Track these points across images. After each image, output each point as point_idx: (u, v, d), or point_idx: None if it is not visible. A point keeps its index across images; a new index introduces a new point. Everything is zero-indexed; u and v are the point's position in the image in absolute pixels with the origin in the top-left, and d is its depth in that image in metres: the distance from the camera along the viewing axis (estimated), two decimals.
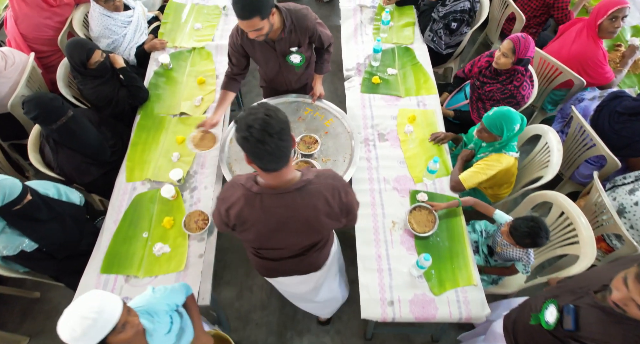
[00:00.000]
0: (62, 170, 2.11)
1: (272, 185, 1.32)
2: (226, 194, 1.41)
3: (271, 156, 1.21)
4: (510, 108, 1.95)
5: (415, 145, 2.29)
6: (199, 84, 2.56)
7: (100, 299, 1.22)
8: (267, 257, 1.63)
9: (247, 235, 1.44)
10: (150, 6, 3.20)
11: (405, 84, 2.57)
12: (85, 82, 2.33)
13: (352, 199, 1.47)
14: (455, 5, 2.63)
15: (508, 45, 2.18)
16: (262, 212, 1.35)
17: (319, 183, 1.37)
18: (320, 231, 1.47)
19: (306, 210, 1.36)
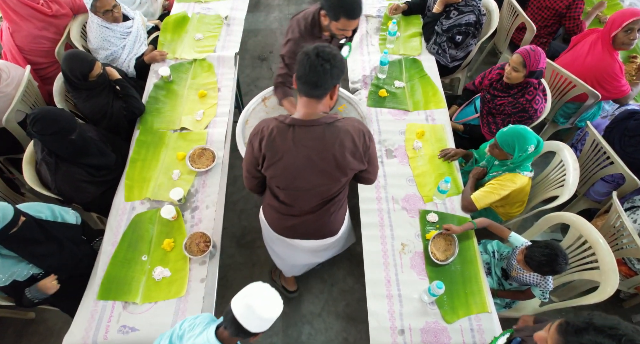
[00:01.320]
0: (60, 190, 2.02)
1: (305, 116, 1.44)
2: (259, 128, 1.51)
3: (311, 78, 1.34)
4: (527, 127, 1.87)
5: (425, 162, 2.21)
6: (200, 98, 2.48)
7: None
8: (289, 213, 1.70)
9: (275, 170, 1.51)
10: (150, 15, 3.13)
11: (413, 98, 2.49)
12: (79, 95, 2.25)
13: (375, 148, 1.59)
14: (460, 19, 2.55)
15: (517, 59, 2.10)
16: (293, 144, 1.45)
17: (346, 123, 1.48)
18: (345, 171, 1.51)
19: (334, 145, 1.44)
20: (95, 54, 2.62)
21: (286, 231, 1.80)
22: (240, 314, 1.25)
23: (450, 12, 2.58)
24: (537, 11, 2.91)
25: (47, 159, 1.98)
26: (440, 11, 2.62)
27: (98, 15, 2.51)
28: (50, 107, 1.98)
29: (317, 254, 2.06)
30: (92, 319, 1.73)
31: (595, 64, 2.45)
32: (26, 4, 2.46)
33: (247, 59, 3.84)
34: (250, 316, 1.25)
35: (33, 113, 1.88)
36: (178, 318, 1.74)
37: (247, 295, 1.28)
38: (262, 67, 3.82)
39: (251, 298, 1.27)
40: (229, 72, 2.61)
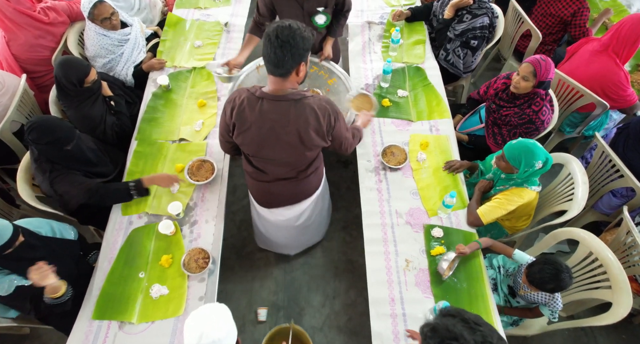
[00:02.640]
0: (55, 190, 1.91)
1: (273, 91, 1.51)
2: (233, 96, 1.61)
3: (271, 58, 1.40)
4: (537, 143, 1.82)
5: (429, 174, 2.15)
6: (199, 107, 2.43)
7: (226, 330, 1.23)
8: (262, 179, 1.82)
9: (243, 138, 1.61)
10: (148, 21, 3.08)
11: (417, 107, 2.44)
12: (70, 103, 2.19)
13: (342, 127, 1.66)
14: (473, 22, 2.49)
15: (528, 68, 2.05)
16: (260, 115, 1.54)
17: (313, 101, 1.54)
18: (309, 147, 1.61)
19: (298, 121, 1.53)
20: (93, 62, 2.58)
21: (264, 198, 1.96)
22: None
23: (462, 16, 2.52)
24: (541, 18, 2.86)
25: (43, 166, 1.92)
26: (451, 16, 2.57)
27: (96, 23, 2.46)
28: (49, 117, 1.93)
29: (298, 229, 2.21)
30: (87, 340, 1.68)
31: (599, 72, 2.40)
32: (23, 12, 2.41)
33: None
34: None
35: (31, 121, 1.83)
36: (175, 339, 1.68)
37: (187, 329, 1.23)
38: None
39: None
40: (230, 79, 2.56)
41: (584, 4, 2.65)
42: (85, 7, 2.40)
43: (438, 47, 2.76)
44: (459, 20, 2.54)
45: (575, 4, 2.66)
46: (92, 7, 2.39)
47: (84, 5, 2.40)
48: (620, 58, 2.37)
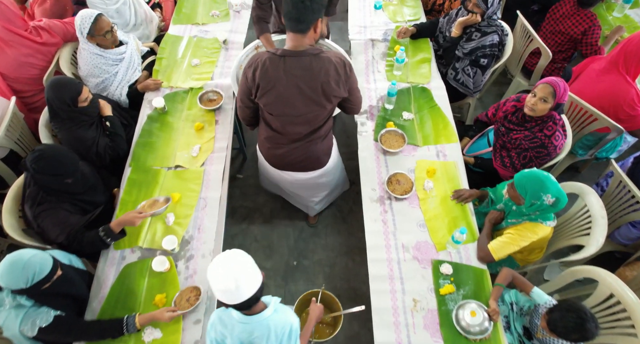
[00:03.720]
0: (39, 224, 1.82)
1: (293, 48, 1.64)
2: (252, 60, 1.70)
3: (293, 14, 1.53)
4: (551, 177, 1.72)
5: (436, 204, 2.05)
6: (196, 131, 2.33)
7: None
8: (279, 143, 1.93)
9: (268, 97, 1.71)
10: (145, 38, 2.98)
11: (423, 131, 2.34)
12: (62, 125, 2.08)
13: (355, 79, 1.81)
14: (483, 40, 2.39)
15: (547, 88, 1.95)
16: (284, 72, 1.65)
17: (331, 54, 1.69)
18: (330, 98, 1.72)
19: (320, 74, 1.65)
20: (86, 82, 2.47)
21: (278, 161, 2.05)
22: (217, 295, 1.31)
23: (471, 34, 2.42)
24: (550, 35, 2.76)
25: (33, 194, 1.82)
26: (459, 35, 2.47)
27: (95, 39, 2.36)
28: (56, 147, 1.82)
29: (309, 191, 2.35)
30: None
31: (608, 91, 2.31)
32: (13, 31, 2.32)
33: None
34: (222, 296, 1.29)
35: (39, 149, 1.75)
36: None
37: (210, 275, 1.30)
38: None
39: (210, 276, 1.30)
40: (228, 102, 2.46)
41: (594, 21, 2.55)
42: (85, 23, 2.29)
43: (445, 65, 2.66)
44: (467, 38, 2.44)
45: (586, 23, 2.56)
46: (94, 21, 2.29)
47: (83, 22, 2.30)
48: (631, 75, 2.28)
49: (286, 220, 2.85)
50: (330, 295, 2.03)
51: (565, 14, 2.65)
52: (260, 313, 1.39)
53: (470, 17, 2.38)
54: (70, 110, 2.04)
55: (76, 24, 2.32)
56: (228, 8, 3.02)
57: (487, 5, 2.31)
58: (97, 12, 2.35)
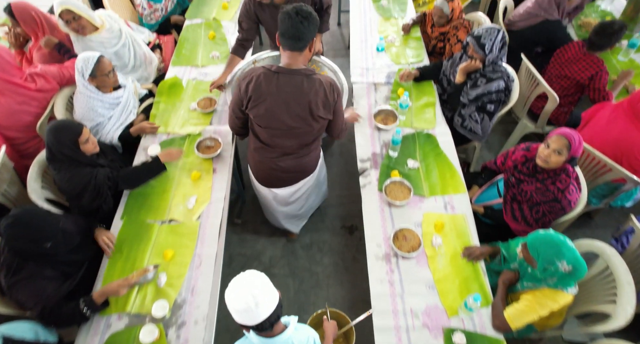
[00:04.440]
0: (14, 296, 1.67)
1: (287, 66, 1.72)
2: (247, 73, 1.79)
3: (291, 32, 1.60)
4: (568, 241, 1.60)
5: (446, 262, 1.93)
6: (193, 181, 2.23)
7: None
8: (267, 155, 1.98)
9: (258, 110, 1.79)
10: (143, 80, 2.94)
11: (429, 180, 2.24)
12: (61, 166, 1.98)
13: (341, 104, 1.89)
14: (489, 86, 2.32)
15: (561, 141, 1.85)
16: (276, 87, 1.73)
17: (322, 77, 1.77)
18: (316, 118, 1.80)
19: (309, 94, 1.73)
20: None
21: (266, 175, 2.11)
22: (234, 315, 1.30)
23: (476, 80, 2.36)
24: (555, 79, 2.70)
25: (8, 261, 1.69)
26: (463, 81, 2.41)
27: (95, 81, 2.29)
28: (34, 210, 1.69)
29: (297, 202, 2.35)
30: None
31: (620, 140, 2.22)
32: (7, 80, 2.26)
33: None
34: (241, 317, 1.28)
35: (13, 214, 1.62)
36: None
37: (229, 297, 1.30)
38: None
39: (229, 298, 1.29)
40: (226, 149, 2.37)
41: (601, 67, 2.50)
42: (87, 64, 2.24)
43: (450, 110, 2.59)
44: (472, 85, 2.37)
45: (593, 68, 2.51)
46: (97, 62, 2.24)
47: (86, 63, 2.24)
48: None
49: (286, 269, 2.71)
50: (336, 312, 2.00)
51: (572, 58, 2.60)
52: (283, 333, 1.39)
53: (471, 63, 2.32)
54: (73, 151, 1.96)
55: (77, 65, 2.26)
56: (228, 49, 2.98)
57: (484, 51, 2.26)
58: (98, 53, 2.30)
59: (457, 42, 2.78)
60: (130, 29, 2.95)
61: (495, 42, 2.22)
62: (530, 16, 2.86)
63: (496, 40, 2.22)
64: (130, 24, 3.00)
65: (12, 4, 2.51)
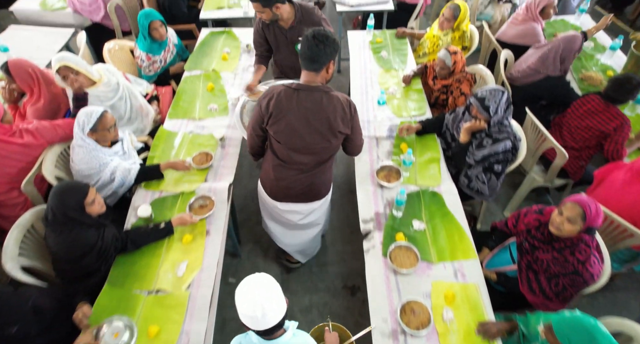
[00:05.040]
0: None
1: (307, 82, 1.80)
2: (268, 91, 1.87)
3: (308, 54, 1.70)
4: (601, 326, 1.43)
5: (459, 341, 1.74)
6: (184, 244, 2.09)
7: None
8: (285, 171, 2.02)
9: (279, 125, 1.85)
10: (139, 132, 2.86)
11: (437, 244, 2.09)
12: (61, 228, 1.83)
13: (358, 120, 1.95)
14: (495, 147, 2.24)
15: (576, 210, 1.73)
16: (296, 104, 1.80)
17: (340, 94, 1.86)
18: (335, 133, 1.86)
19: (328, 109, 1.80)
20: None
21: (279, 192, 2.13)
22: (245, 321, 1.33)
23: (482, 140, 2.28)
24: (575, 130, 2.61)
25: None
26: (467, 141, 2.32)
27: (94, 135, 2.21)
28: None
29: (303, 223, 2.32)
30: None
31: (636, 204, 2.09)
32: None
33: (245, 167, 3.54)
34: (247, 320, 1.32)
35: None
36: None
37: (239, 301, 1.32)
38: None
39: (240, 303, 1.32)
40: (221, 208, 2.25)
41: (626, 119, 2.44)
42: (89, 119, 2.17)
43: (455, 166, 2.49)
44: (478, 145, 2.28)
45: (618, 119, 2.45)
46: (100, 117, 2.18)
47: (88, 118, 2.17)
48: None
49: None
50: (339, 326, 1.98)
51: (593, 110, 2.53)
52: (281, 337, 1.42)
53: (476, 124, 2.25)
54: (79, 214, 1.83)
55: (79, 119, 2.19)
56: (227, 102, 2.94)
57: (489, 113, 2.19)
58: (102, 108, 2.24)
59: (460, 94, 2.74)
60: (128, 82, 2.92)
61: (500, 104, 2.16)
62: (534, 72, 2.84)
63: (501, 102, 2.16)
64: (128, 77, 2.97)
65: (9, 62, 2.48)
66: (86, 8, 3.74)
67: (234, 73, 3.18)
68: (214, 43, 3.48)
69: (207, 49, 3.43)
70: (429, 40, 3.37)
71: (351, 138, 1.97)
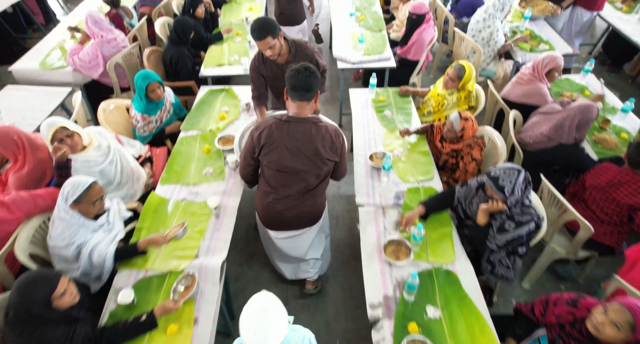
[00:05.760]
0: None
1: (296, 115, 1.99)
2: (259, 124, 2.05)
3: (302, 84, 1.89)
4: None
5: None
6: (168, 336, 1.84)
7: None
8: (277, 198, 2.13)
9: (271, 155, 2.01)
10: (129, 198, 2.68)
11: (455, 336, 1.84)
12: (25, 330, 1.58)
13: (345, 149, 2.14)
14: (519, 231, 2.03)
15: (623, 315, 1.50)
16: (287, 135, 1.97)
17: (328, 125, 2.05)
18: (324, 160, 2.02)
19: (317, 139, 1.98)
20: (54, 252, 2.07)
21: (273, 218, 2.22)
22: None
23: (503, 223, 2.07)
24: (602, 203, 2.42)
25: None
26: (485, 223, 2.13)
27: (77, 207, 2.04)
28: None
29: (301, 245, 2.42)
30: None
31: None
32: None
33: (242, 229, 3.33)
34: None
35: None
36: None
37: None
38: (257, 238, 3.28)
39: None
40: (212, 291, 2.02)
41: None
42: (75, 190, 2.01)
43: (470, 244, 2.28)
44: (499, 228, 2.07)
45: None
46: (87, 189, 2.02)
47: (74, 189, 2.01)
48: None
49: None
50: None
51: (615, 181, 2.33)
52: None
53: (493, 205, 2.07)
54: (45, 311, 1.59)
55: (64, 189, 2.03)
56: (223, 165, 2.78)
57: (504, 194, 2.01)
58: (92, 179, 2.09)
59: (471, 160, 2.59)
60: (120, 144, 2.79)
61: (516, 184, 1.98)
62: (546, 139, 2.70)
63: (517, 182, 1.98)
64: (120, 139, 2.85)
65: None
66: (85, 65, 3.70)
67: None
68: (212, 101, 3.39)
69: (205, 107, 3.33)
70: (433, 98, 3.28)
71: (339, 164, 2.14)
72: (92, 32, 3.67)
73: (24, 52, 4.06)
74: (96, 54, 3.68)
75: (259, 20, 2.44)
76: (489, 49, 4.03)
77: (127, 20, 4.23)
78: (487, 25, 3.92)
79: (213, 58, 3.96)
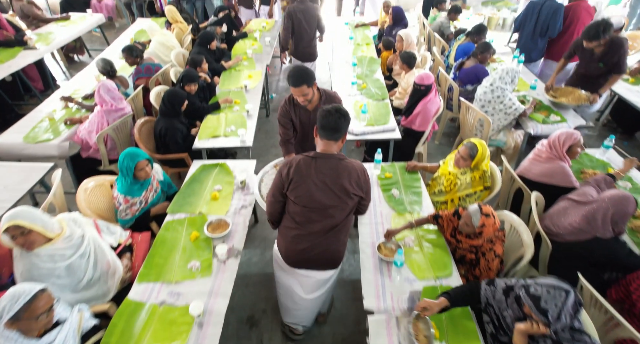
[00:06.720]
0: None
1: (323, 151, 2.06)
2: (287, 161, 2.12)
3: (332, 125, 1.98)
4: None
5: None
6: None
7: None
8: (302, 234, 2.14)
9: (299, 190, 2.05)
10: (100, 298, 2.31)
11: None
12: None
13: (370, 184, 2.20)
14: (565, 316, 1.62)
15: None
16: (314, 170, 2.04)
17: (352, 161, 2.12)
18: (350, 195, 2.07)
19: (344, 175, 2.04)
20: None
21: (297, 256, 2.21)
22: None
23: None
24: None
25: None
26: None
27: (15, 326, 1.69)
28: None
29: (313, 291, 2.39)
30: None
31: None
32: None
33: (233, 324, 2.91)
34: None
35: None
36: None
37: None
38: (250, 337, 2.85)
39: None
40: None
41: None
42: (11, 305, 1.67)
43: None
44: (556, 317, 1.63)
45: None
46: (29, 301, 1.68)
47: (10, 303, 1.67)
48: None
49: None
50: None
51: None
52: None
53: (532, 328, 1.68)
54: None
55: (4, 305, 1.68)
56: (212, 255, 2.44)
57: (547, 318, 1.63)
58: (38, 288, 1.74)
59: (494, 257, 2.24)
60: (98, 232, 2.47)
61: (564, 309, 1.60)
62: (578, 231, 2.37)
63: (565, 308, 1.60)
64: (99, 225, 2.53)
65: None
66: (87, 131, 3.57)
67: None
68: (204, 179, 3.12)
69: (196, 185, 3.05)
70: (444, 176, 3.02)
71: (364, 199, 2.19)
72: (102, 100, 3.53)
73: (17, 119, 3.89)
74: (102, 122, 3.54)
75: (297, 68, 2.58)
76: (507, 116, 3.81)
77: (122, 89, 4.11)
78: (497, 95, 3.77)
79: (208, 128, 3.76)
